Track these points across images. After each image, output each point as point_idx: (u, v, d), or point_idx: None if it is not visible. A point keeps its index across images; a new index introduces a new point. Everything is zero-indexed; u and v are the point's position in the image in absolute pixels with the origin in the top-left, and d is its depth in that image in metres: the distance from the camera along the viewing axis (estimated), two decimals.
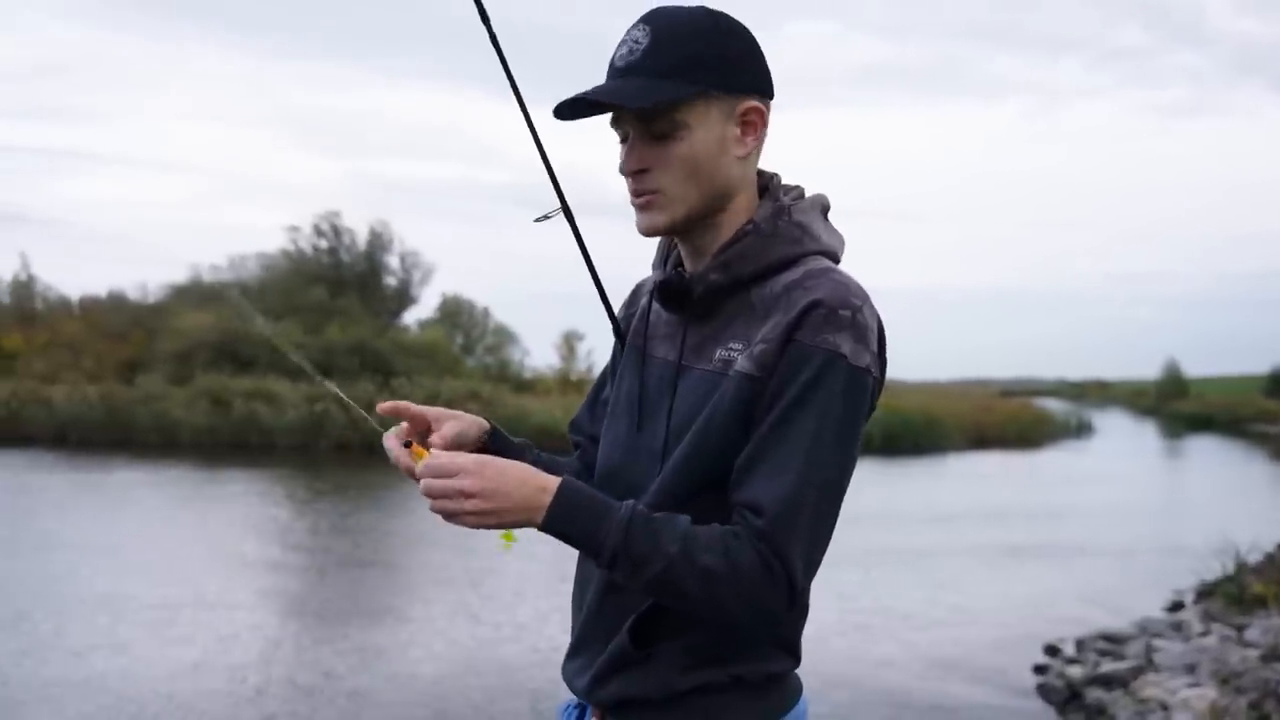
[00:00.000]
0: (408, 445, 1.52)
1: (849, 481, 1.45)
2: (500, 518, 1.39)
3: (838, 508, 1.44)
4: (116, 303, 36.55)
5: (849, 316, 1.41)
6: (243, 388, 27.11)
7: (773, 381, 1.41)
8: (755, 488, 1.39)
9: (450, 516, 1.40)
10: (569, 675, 1.62)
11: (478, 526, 1.40)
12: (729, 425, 1.44)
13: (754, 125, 1.50)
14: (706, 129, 1.47)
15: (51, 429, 26.23)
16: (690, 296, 1.51)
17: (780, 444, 1.39)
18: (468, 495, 1.38)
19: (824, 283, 1.44)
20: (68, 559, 11.39)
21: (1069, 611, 9.70)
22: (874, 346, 1.44)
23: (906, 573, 11.60)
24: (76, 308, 36.81)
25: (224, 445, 25.60)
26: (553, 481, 1.40)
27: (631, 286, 1.76)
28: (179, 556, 11.81)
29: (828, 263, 1.50)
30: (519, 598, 9.83)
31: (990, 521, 15.84)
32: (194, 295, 34.51)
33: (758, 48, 1.52)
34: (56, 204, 64.24)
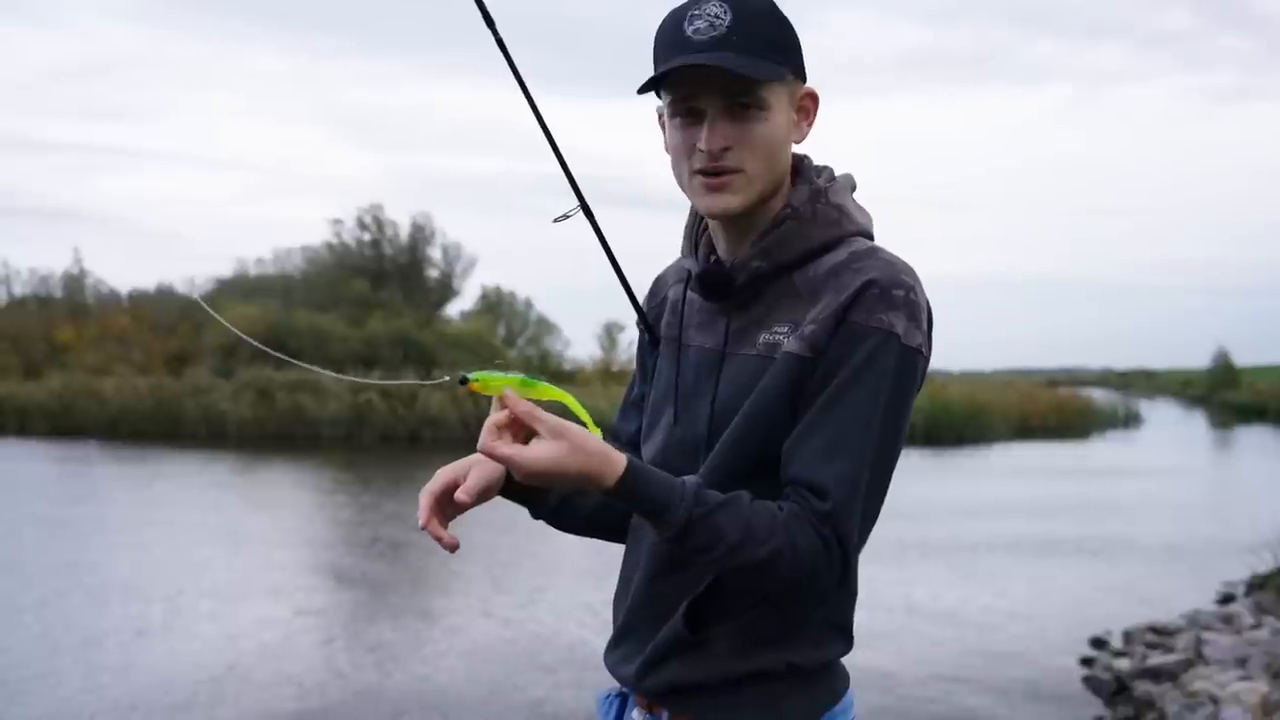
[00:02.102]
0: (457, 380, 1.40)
1: (897, 460, 1.46)
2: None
3: (887, 486, 1.45)
4: (164, 296, 37.11)
5: (903, 296, 1.41)
6: (287, 380, 27.42)
7: (824, 362, 1.41)
8: (815, 468, 1.38)
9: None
10: (612, 663, 1.60)
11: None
12: (778, 406, 1.43)
13: (807, 112, 1.52)
14: (782, 111, 1.47)
15: (103, 421, 26.70)
16: (732, 285, 1.51)
17: (836, 423, 1.39)
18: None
19: (875, 263, 1.44)
20: (98, 548, 11.58)
21: (1116, 604, 9.59)
22: (925, 326, 1.44)
23: (949, 565, 11.51)
24: (125, 301, 37.42)
25: (270, 437, 25.93)
26: (621, 459, 1.35)
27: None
28: (205, 548, 11.90)
29: (870, 242, 1.50)
30: (539, 593, 9.73)
31: (1036, 513, 15.67)
32: (240, 288, 34.96)
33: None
34: (109, 200, 65.55)
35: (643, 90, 1.47)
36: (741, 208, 1.49)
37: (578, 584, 9.89)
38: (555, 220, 1.63)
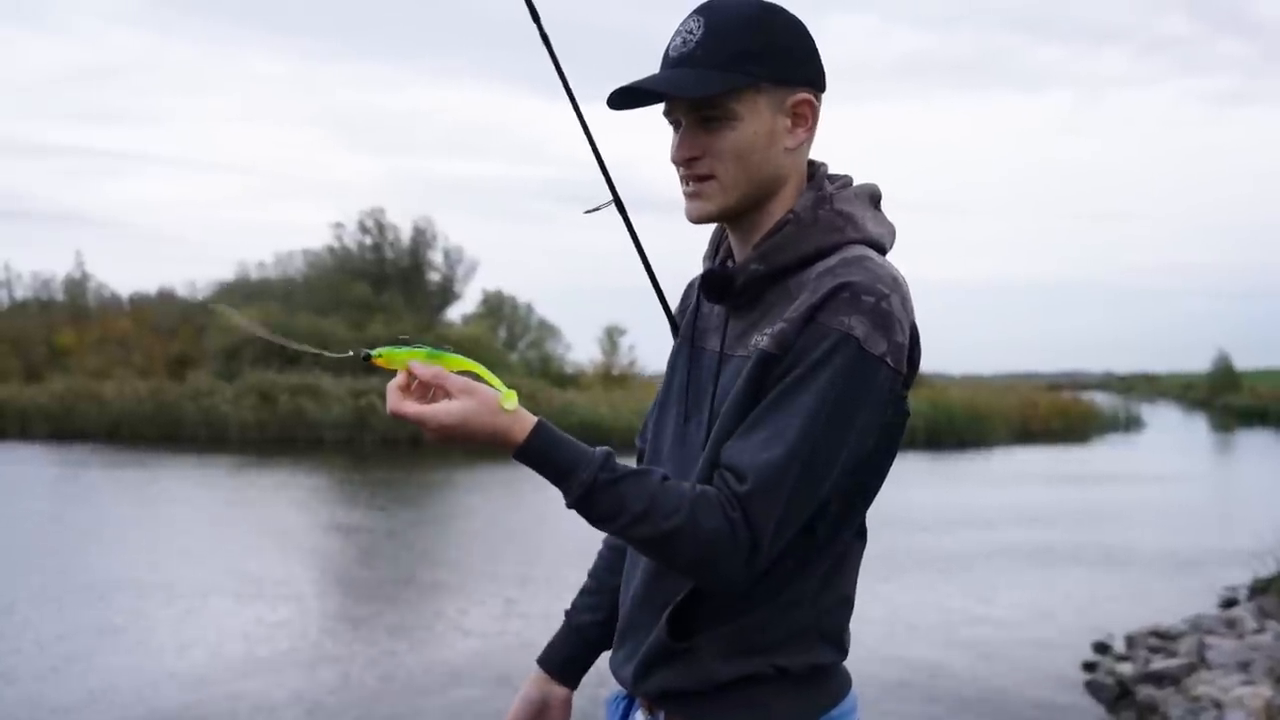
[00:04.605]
0: (365, 357, 1.42)
1: (840, 468, 1.41)
2: (467, 442, 1.39)
3: (820, 488, 1.41)
4: (166, 300, 37.15)
5: (871, 302, 1.40)
6: (289, 383, 27.43)
7: (786, 359, 1.42)
8: (742, 453, 1.39)
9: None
10: (615, 665, 1.61)
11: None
12: (742, 402, 1.44)
13: (804, 118, 1.51)
14: (757, 119, 1.48)
15: (103, 424, 26.69)
16: (733, 287, 1.52)
17: (775, 417, 1.40)
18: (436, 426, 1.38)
19: (855, 269, 1.44)
20: (81, 552, 11.57)
21: (1118, 608, 9.57)
22: (897, 337, 1.42)
23: (950, 570, 11.50)
24: (127, 305, 37.46)
25: (271, 440, 25.92)
26: (531, 419, 1.39)
27: (679, 281, 1.78)
28: (186, 552, 11.86)
29: (866, 250, 1.49)
30: (512, 605, 9.49)
31: (1037, 518, 15.67)
32: (241, 292, 34.97)
33: (810, 40, 1.53)
34: (110, 204, 65.60)
35: (612, 107, 1.50)
36: (719, 212, 1.52)
37: (559, 594, 9.72)
38: (588, 211, 1.68)
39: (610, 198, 1.71)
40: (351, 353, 1.42)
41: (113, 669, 7.31)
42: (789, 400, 1.40)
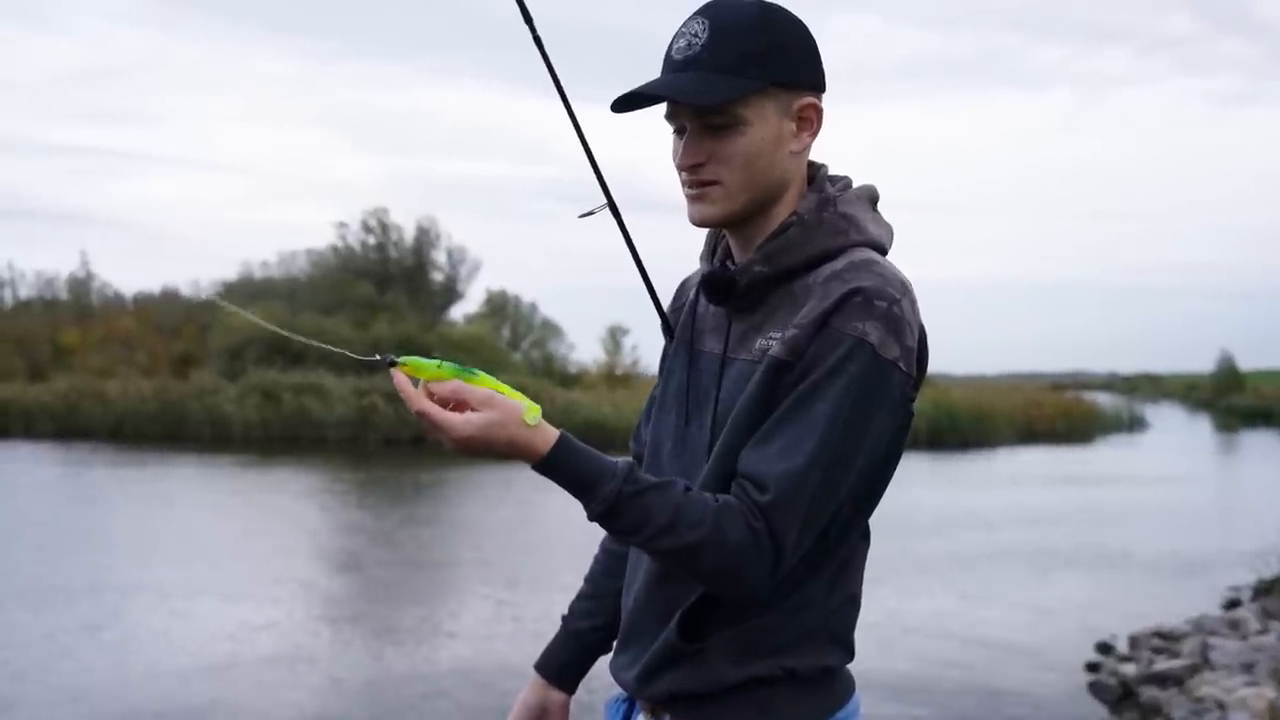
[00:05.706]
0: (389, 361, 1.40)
1: (856, 473, 1.42)
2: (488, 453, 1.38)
3: (839, 494, 1.42)
4: (169, 299, 37.23)
5: (884, 307, 1.40)
6: (292, 382, 27.46)
7: (800, 365, 1.41)
8: (762, 463, 1.39)
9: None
10: (616, 669, 1.60)
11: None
12: (755, 409, 1.44)
13: (810, 121, 1.51)
14: (764, 124, 1.47)
15: (107, 423, 26.74)
16: (735, 289, 1.51)
17: (793, 424, 1.40)
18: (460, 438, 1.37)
19: (865, 273, 1.44)
20: (74, 550, 11.58)
21: (1122, 609, 9.56)
22: (908, 341, 1.42)
23: (954, 571, 11.49)
24: (130, 304, 37.54)
25: (275, 439, 25.95)
26: (553, 432, 1.38)
27: (675, 282, 1.76)
28: (178, 551, 11.88)
29: (872, 254, 1.49)
30: (503, 606, 9.45)
31: (1040, 519, 15.65)
32: (245, 292, 35.00)
33: (813, 42, 1.52)
34: (114, 203, 65.70)
35: (616, 110, 1.49)
36: (723, 217, 1.51)
37: (551, 596, 9.57)
38: (581, 216, 1.67)
39: (604, 201, 1.69)
40: (378, 356, 1.40)
41: (97, 668, 7.32)
42: (806, 407, 1.39)
